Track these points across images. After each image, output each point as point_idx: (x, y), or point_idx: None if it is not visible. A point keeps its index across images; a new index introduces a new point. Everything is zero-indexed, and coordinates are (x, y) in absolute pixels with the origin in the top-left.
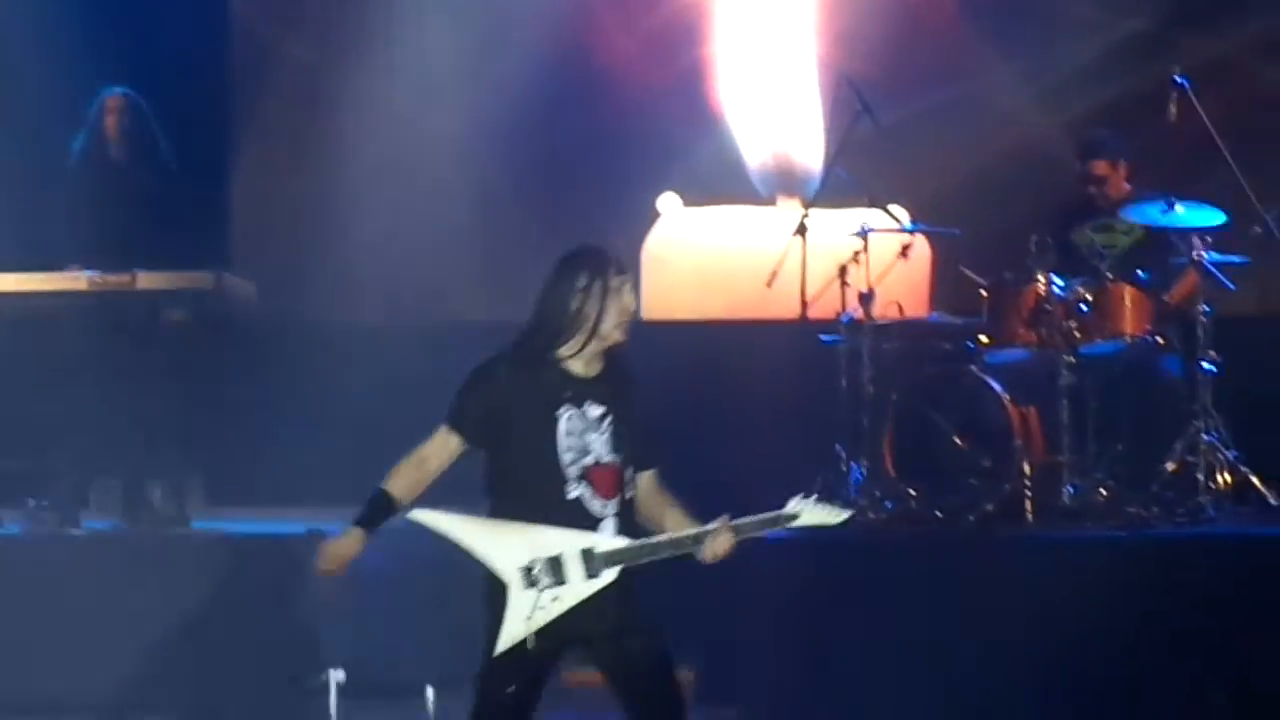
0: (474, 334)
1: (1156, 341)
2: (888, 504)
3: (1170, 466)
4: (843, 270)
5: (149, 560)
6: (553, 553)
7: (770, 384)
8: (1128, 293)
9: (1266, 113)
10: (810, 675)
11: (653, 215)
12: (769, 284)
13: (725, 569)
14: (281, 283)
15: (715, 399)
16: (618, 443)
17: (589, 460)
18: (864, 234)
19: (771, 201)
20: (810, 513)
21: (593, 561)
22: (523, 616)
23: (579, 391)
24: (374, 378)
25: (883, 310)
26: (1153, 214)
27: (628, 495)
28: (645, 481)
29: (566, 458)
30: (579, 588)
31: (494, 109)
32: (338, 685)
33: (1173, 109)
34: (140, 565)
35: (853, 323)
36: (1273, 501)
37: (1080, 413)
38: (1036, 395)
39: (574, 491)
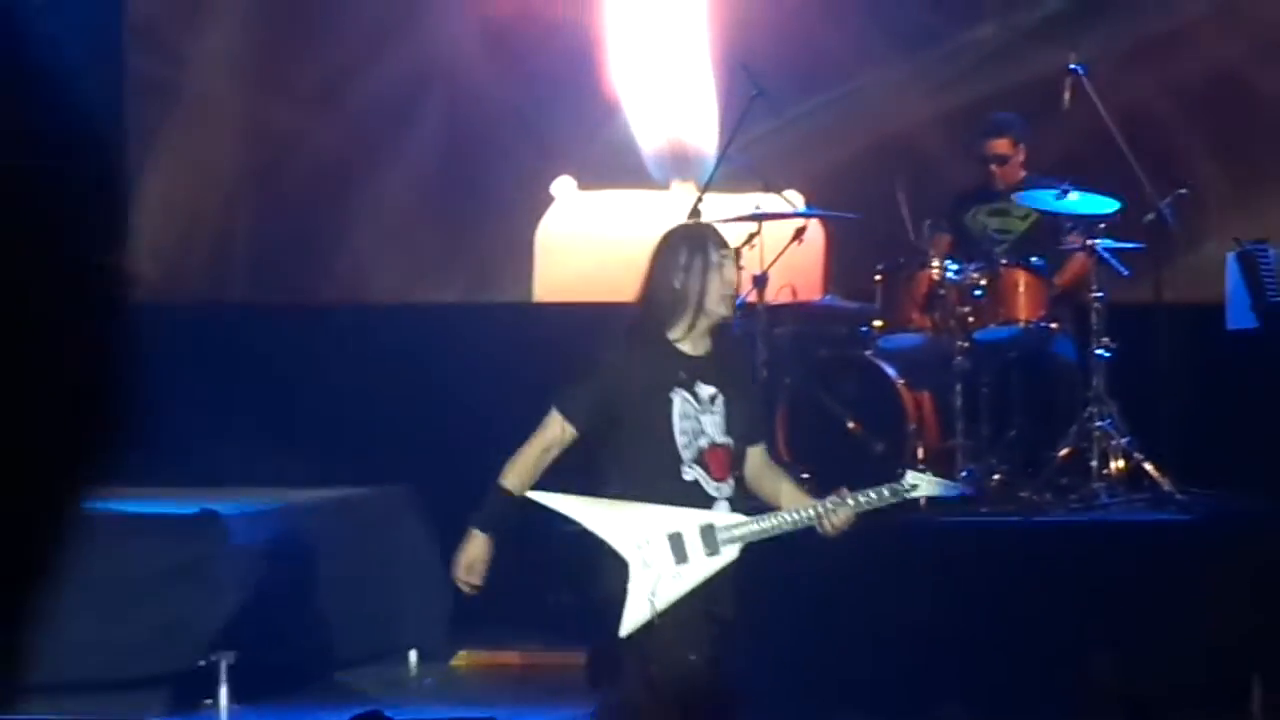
0: (366, 315)
1: (1050, 327)
2: None
3: (1063, 452)
4: (737, 253)
5: None
6: (673, 530)
7: None
8: (1022, 278)
9: (1164, 101)
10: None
11: (547, 199)
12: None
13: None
14: (175, 261)
15: None
16: (729, 423)
17: (703, 442)
18: (758, 218)
19: (665, 186)
20: (927, 484)
21: (713, 538)
22: (645, 595)
23: (690, 372)
24: (267, 360)
25: (776, 294)
26: (1047, 199)
27: (738, 475)
28: (754, 457)
29: (681, 440)
30: (701, 565)
31: (393, 93)
32: (228, 667)
33: (1067, 96)
34: None
35: (746, 306)
36: (1165, 488)
37: (974, 398)
38: (930, 380)
39: (690, 474)
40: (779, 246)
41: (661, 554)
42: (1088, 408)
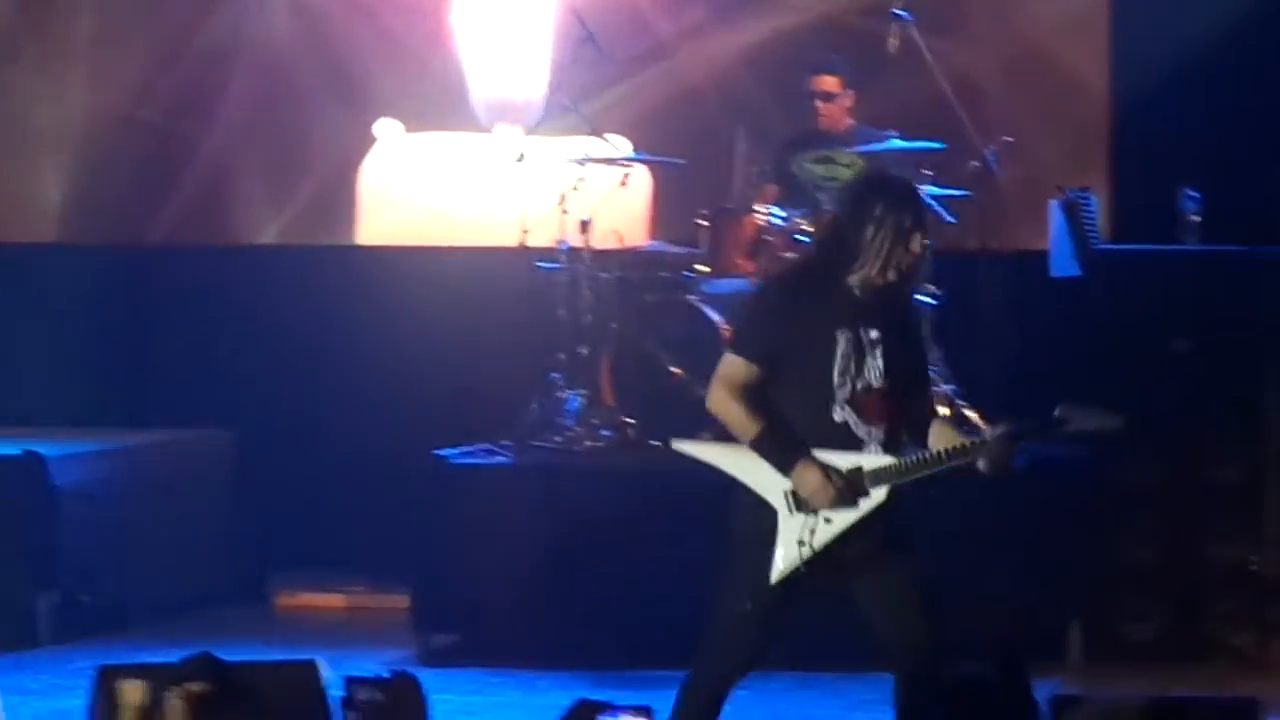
0: (191, 258)
1: None
2: (605, 432)
3: None
4: (562, 198)
5: None
6: None
7: (488, 311)
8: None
9: (978, 50)
10: (528, 601)
11: (370, 140)
12: (489, 210)
13: (442, 495)
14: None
15: (433, 325)
16: (890, 370)
17: (860, 385)
18: (584, 162)
19: (490, 130)
20: (1080, 419)
21: (861, 480)
22: (794, 541)
23: (860, 315)
24: (92, 302)
25: (602, 239)
26: (873, 146)
27: (895, 424)
28: (915, 409)
29: (838, 380)
30: (852, 509)
31: (216, 38)
32: (50, 607)
33: (893, 41)
34: None
35: (572, 251)
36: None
37: None
38: None
39: (840, 414)
40: (606, 192)
41: None
42: None
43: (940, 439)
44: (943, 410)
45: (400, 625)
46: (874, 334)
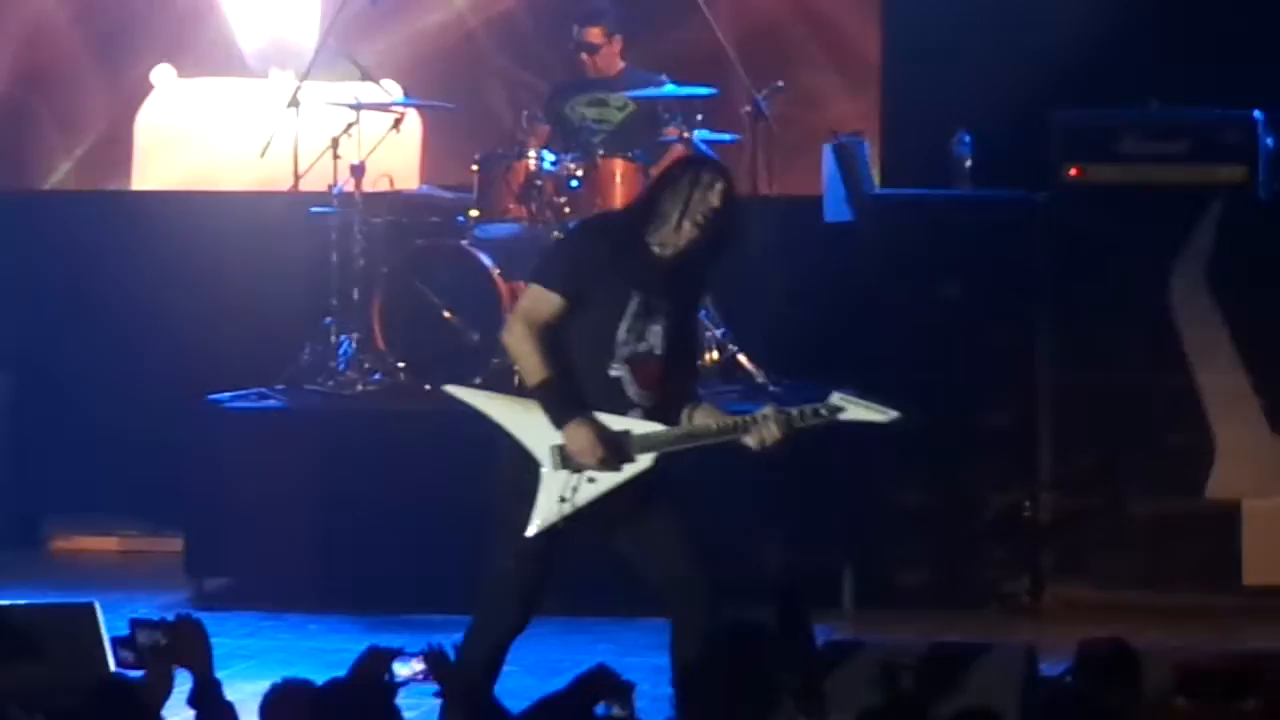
0: None
1: None
2: (376, 376)
3: None
4: (335, 143)
5: None
6: None
7: (261, 255)
8: (619, 169)
9: None
10: (301, 544)
11: (147, 87)
12: (261, 155)
13: (216, 439)
14: None
15: (206, 270)
16: (673, 339)
17: (642, 347)
18: (356, 107)
19: (264, 75)
20: (854, 408)
21: (628, 444)
22: (555, 498)
23: (656, 281)
24: None
25: (374, 183)
26: (644, 89)
27: (668, 395)
28: (685, 383)
29: (622, 338)
30: (617, 472)
31: None
32: None
33: None
34: None
35: (344, 195)
36: (759, 379)
37: None
38: (526, 270)
39: (616, 371)
40: (377, 136)
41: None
42: None
43: (705, 415)
44: (713, 355)
45: (174, 568)
46: (665, 303)
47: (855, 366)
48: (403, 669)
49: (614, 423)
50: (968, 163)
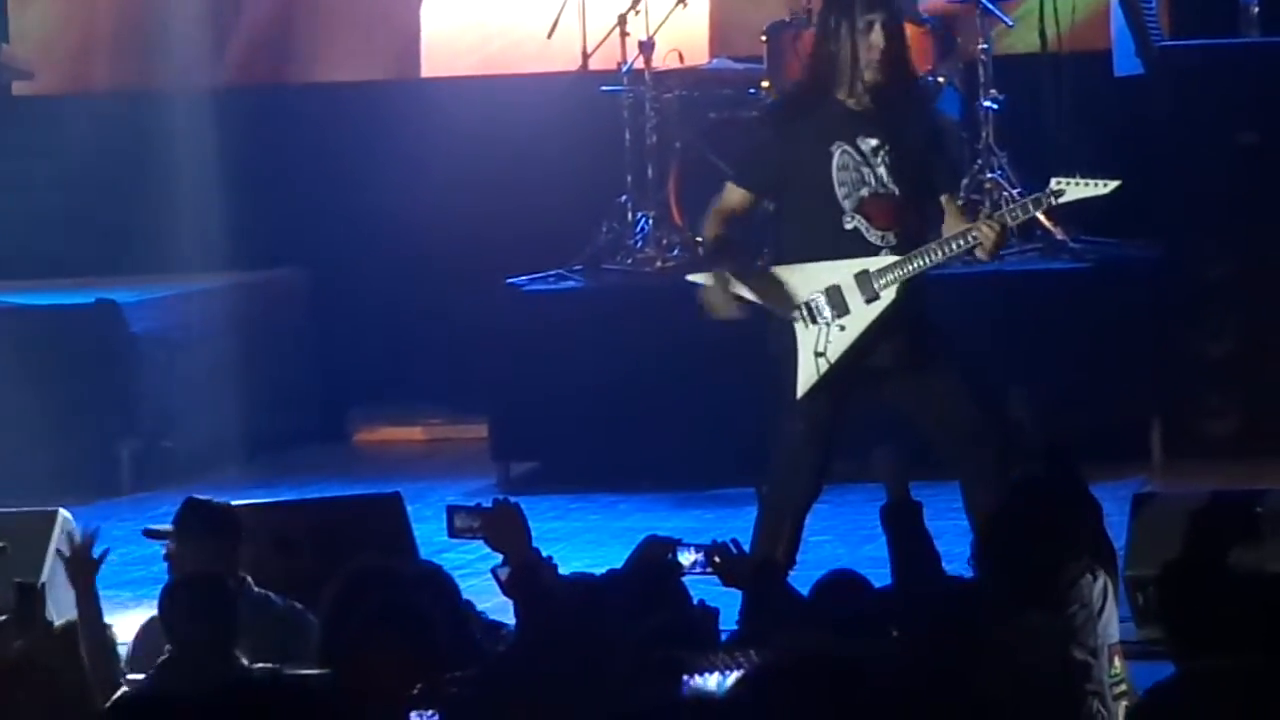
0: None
1: (937, 81)
2: (675, 252)
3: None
4: (622, 20)
5: None
6: (830, 283)
7: (553, 137)
8: (910, 31)
9: None
10: (606, 425)
11: None
12: (549, 35)
13: (516, 323)
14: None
15: (499, 154)
16: (895, 174)
17: (864, 192)
18: None
19: None
20: (1074, 188)
21: (869, 283)
22: (812, 353)
23: (852, 127)
24: (157, 147)
25: (663, 59)
26: None
27: (907, 227)
28: (945, 205)
29: (841, 191)
30: (863, 313)
31: None
32: (131, 455)
33: None
34: None
35: (633, 72)
36: (1058, 237)
37: None
38: None
39: (850, 223)
40: (665, 11)
41: (823, 310)
42: (977, 160)
43: (948, 231)
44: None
45: (479, 455)
46: (873, 142)
47: (1159, 218)
48: (684, 557)
49: (852, 266)
50: (1255, 9)
